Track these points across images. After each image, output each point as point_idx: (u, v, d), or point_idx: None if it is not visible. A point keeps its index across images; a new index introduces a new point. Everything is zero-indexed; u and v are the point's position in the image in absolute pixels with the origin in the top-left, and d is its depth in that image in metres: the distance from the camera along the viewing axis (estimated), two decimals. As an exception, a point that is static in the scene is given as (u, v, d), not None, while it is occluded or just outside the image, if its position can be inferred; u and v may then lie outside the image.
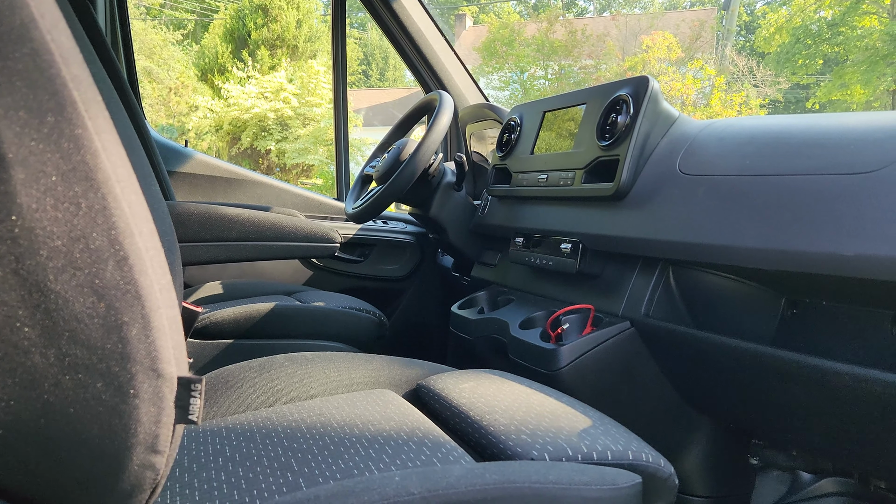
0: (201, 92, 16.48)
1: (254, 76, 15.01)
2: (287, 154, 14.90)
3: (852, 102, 15.52)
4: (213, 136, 15.97)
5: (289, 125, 14.87)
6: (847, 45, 15.56)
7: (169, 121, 17.70)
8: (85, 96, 0.44)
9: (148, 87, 17.39)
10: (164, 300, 0.47)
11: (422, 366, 1.04)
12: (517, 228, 1.47)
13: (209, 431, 0.79)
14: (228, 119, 15.00)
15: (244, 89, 14.73)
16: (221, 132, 15.49)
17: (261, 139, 14.97)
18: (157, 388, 0.46)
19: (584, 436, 0.73)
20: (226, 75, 15.45)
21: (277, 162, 15.59)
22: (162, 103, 17.42)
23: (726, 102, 14.24)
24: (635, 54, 15.23)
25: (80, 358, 0.44)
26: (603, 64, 16.38)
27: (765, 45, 18.02)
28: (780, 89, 17.30)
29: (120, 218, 0.45)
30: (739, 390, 1.04)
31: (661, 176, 1.13)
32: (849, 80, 15.09)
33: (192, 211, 1.14)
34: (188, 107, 16.93)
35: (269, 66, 15.47)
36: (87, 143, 0.44)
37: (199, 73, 17.17)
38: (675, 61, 14.78)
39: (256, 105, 14.58)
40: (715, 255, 0.98)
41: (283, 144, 14.79)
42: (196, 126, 15.84)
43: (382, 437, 0.73)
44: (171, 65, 19.49)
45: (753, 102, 15.33)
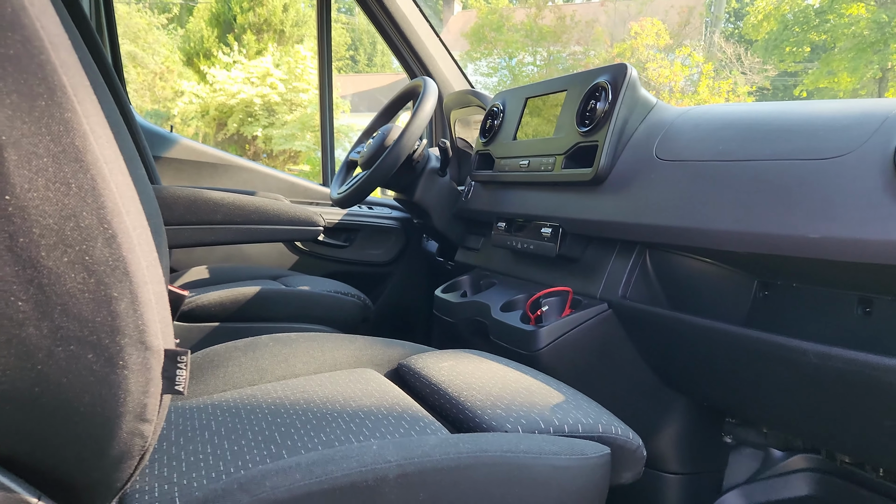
0: (187, 77, 16.34)
1: (240, 61, 14.89)
2: (274, 140, 14.83)
3: (839, 90, 15.61)
4: (199, 122, 15.85)
5: (275, 111, 14.79)
6: (834, 32, 15.62)
7: (154, 106, 17.56)
8: (73, 81, 0.46)
9: (133, 71, 17.23)
10: (150, 276, 0.49)
11: (403, 346, 1.07)
12: (499, 213, 1.50)
13: (195, 408, 0.82)
14: (214, 104, 14.90)
15: (230, 74, 14.62)
16: (207, 118, 15.38)
17: (247, 125, 14.89)
18: (145, 359, 0.49)
19: (556, 410, 0.76)
20: (211, 60, 15.32)
21: (264, 148, 15.52)
22: (147, 88, 17.27)
23: (714, 89, 14.29)
24: (624, 41, 15.23)
25: (71, 330, 0.46)
26: (592, 50, 16.38)
27: (753, 32, 18.07)
28: (768, 77, 17.37)
29: (108, 198, 0.47)
30: (712, 369, 1.08)
31: (639, 161, 1.16)
32: (836, 67, 15.17)
33: (178, 195, 1.16)
34: (174, 92, 16.80)
35: (255, 51, 15.34)
36: (77, 125, 0.46)
37: (184, 58, 17.00)
38: (663, 48, 14.80)
39: (243, 90, 14.49)
40: (690, 237, 1.01)
41: (270, 130, 14.72)
42: (182, 111, 15.71)
43: (363, 412, 0.76)
44: (156, 49, 19.29)
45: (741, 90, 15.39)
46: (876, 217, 0.78)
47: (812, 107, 0.98)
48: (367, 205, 2.25)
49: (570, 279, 1.30)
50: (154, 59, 18.45)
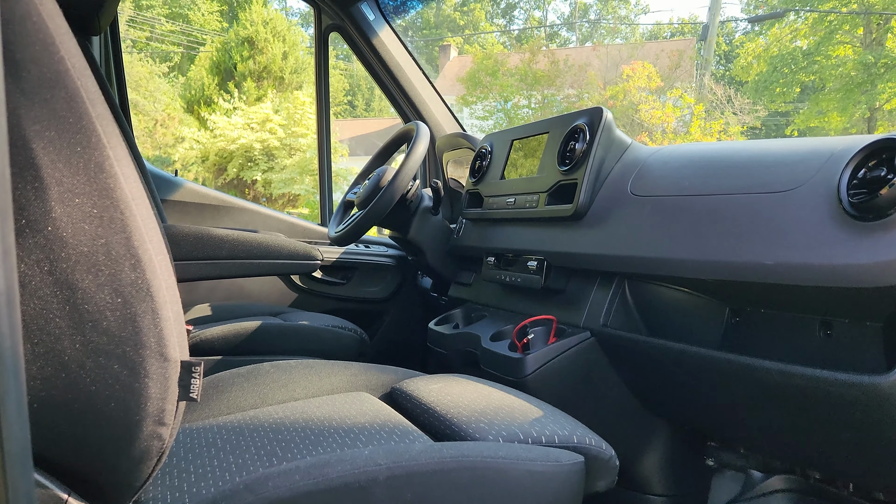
0: (187, 123, 16.60)
1: (240, 107, 15.15)
2: (273, 184, 15.00)
3: (830, 129, 15.87)
4: (199, 167, 16.04)
5: (275, 155, 14.99)
6: (823, 73, 15.96)
7: (155, 152, 17.80)
8: (106, 130, 0.55)
9: (134, 119, 17.45)
10: (169, 297, 0.57)
11: (397, 371, 1.13)
12: (489, 249, 1.58)
13: (202, 429, 0.88)
14: (215, 150, 15.10)
15: (230, 120, 14.86)
16: (208, 163, 15.57)
17: (247, 169, 15.08)
18: (164, 369, 0.56)
19: (534, 423, 0.82)
20: (212, 107, 15.59)
21: (264, 192, 15.68)
22: (148, 135, 17.55)
23: (706, 130, 14.51)
24: (616, 83, 15.52)
25: (101, 344, 0.54)
26: (585, 93, 16.68)
27: (743, 73, 18.45)
28: (759, 117, 17.65)
29: (134, 229, 0.55)
30: (688, 391, 1.14)
31: (615, 197, 1.24)
32: (826, 107, 15.46)
33: (186, 232, 1.23)
34: (174, 138, 17.06)
35: (255, 98, 15.64)
36: (109, 168, 0.54)
37: (185, 105, 17.31)
38: (655, 90, 15.07)
39: (242, 136, 14.70)
40: (658, 266, 1.09)
41: (270, 174, 14.90)
42: (182, 157, 15.91)
43: (357, 427, 0.83)
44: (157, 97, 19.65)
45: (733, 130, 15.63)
46: (823, 243, 0.86)
47: (766, 145, 1.07)
48: (364, 243, 2.33)
49: (555, 310, 1.37)
50: (155, 106, 18.78)
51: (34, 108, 0.51)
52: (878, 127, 15.64)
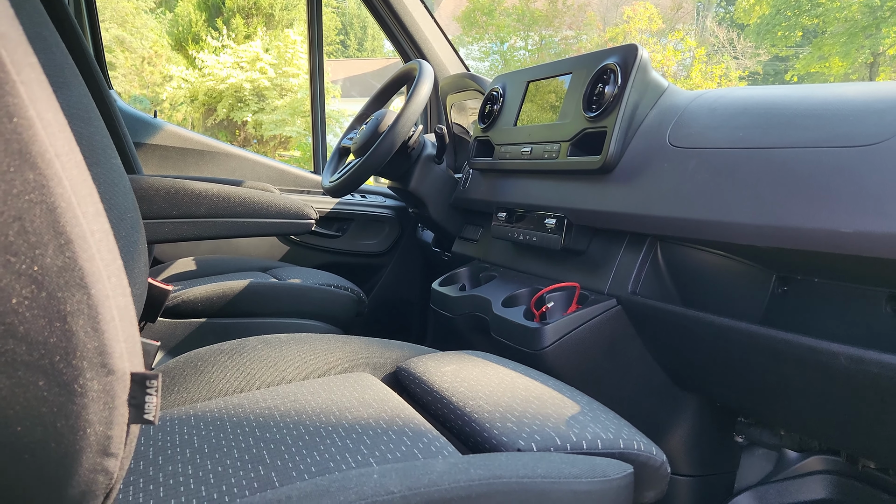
0: (175, 62, 16.14)
1: (229, 45, 14.70)
2: (264, 125, 14.68)
3: (830, 75, 15.56)
4: (188, 107, 15.69)
5: (265, 96, 14.63)
6: (826, 16, 15.55)
7: (143, 91, 17.35)
8: (16, 58, 0.39)
9: (121, 56, 17.01)
10: (113, 288, 0.42)
11: (401, 347, 1.00)
12: (499, 203, 1.43)
13: (176, 420, 0.75)
14: (203, 89, 14.72)
15: (219, 59, 14.43)
16: (196, 103, 15.21)
17: (237, 110, 14.73)
18: (108, 385, 0.42)
19: (572, 423, 0.69)
20: (200, 44, 15.11)
21: (254, 133, 15.37)
22: (135, 73, 17.06)
23: (707, 74, 14.24)
24: (616, 25, 15.13)
25: (18, 354, 0.39)
26: (584, 35, 16.27)
27: (745, 16, 17.97)
28: (760, 61, 17.31)
29: (60, 196, 0.40)
30: (728, 369, 1.02)
31: (650, 148, 1.09)
32: (827, 52, 15.11)
33: (158, 185, 1.08)
34: (162, 77, 16.60)
35: (244, 36, 15.15)
36: (20, 111, 0.38)
37: (173, 43, 16.78)
38: (655, 32, 14.71)
39: (232, 75, 14.31)
40: (706, 231, 0.95)
41: (260, 116, 14.57)
42: (171, 96, 15.54)
43: (360, 426, 0.69)
44: (143, 33, 19.04)
45: (733, 74, 15.34)
46: None
47: (839, 90, 0.92)
48: (361, 193, 2.18)
49: (576, 273, 1.23)
50: (142, 43, 18.22)
51: None
52: (881, 73, 15.36)
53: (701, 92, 1.13)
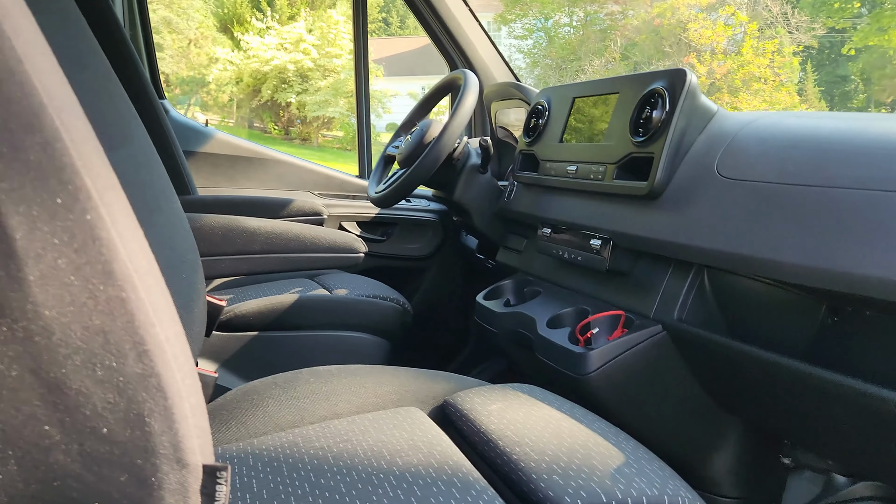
0: (221, 43, 16.35)
1: (273, 27, 14.83)
2: (307, 106, 14.82)
3: (890, 48, 14.95)
4: (233, 88, 15.91)
5: (309, 77, 14.74)
6: (888, -16, 14.92)
7: (190, 73, 17.61)
8: (98, 183, 0.42)
9: (168, 37, 17.27)
10: (186, 389, 0.45)
11: (448, 379, 1.02)
12: (544, 218, 1.44)
13: (236, 458, 0.79)
14: (248, 71, 14.91)
15: (263, 41, 14.58)
16: (242, 84, 15.42)
17: (281, 91, 14.88)
18: (182, 478, 0.45)
19: (617, 477, 0.71)
20: (245, 26, 15.27)
21: (298, 114, 15.53)
22: (182, 55, 17.31)
23: (758, 50, 13.83)
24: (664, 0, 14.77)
25: (102, 453, 0.43)
26: (630, 10, 15.93)
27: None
28: (815, 35, 16.71)
29: (139, 309, 0.43)
30: (774, 402, 1.02)
31: (698, 176, 1.09)
32: (887, 24, 14.50)
33: (214, 224, 1.12)
34: (208, 58, 16.83)
35: (287, 16, 15.26)
36: (103, 233, 0.41)
37: (218, 24, 16.99)
38: (705, 7, 14.32)
39: (276, 57, 14.45)
40: (752, 267, 0.94)
41: (304, 97, 14.70)
42: (216, 78, 15.78)
43: (410, 474, 0.72)
44: (190, 14, 19.28)
45: (787, 50, 14.86)
46: None
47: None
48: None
49: (620, 294, 1.24)
50: (188, 24, 18.46)
51: (1, 160, 0.38)
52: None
53: (752, 117, 1.12)
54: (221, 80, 15.68)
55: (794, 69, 15.54)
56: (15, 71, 0.39)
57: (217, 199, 1.70)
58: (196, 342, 0.90)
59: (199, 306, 0.88)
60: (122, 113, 0.80)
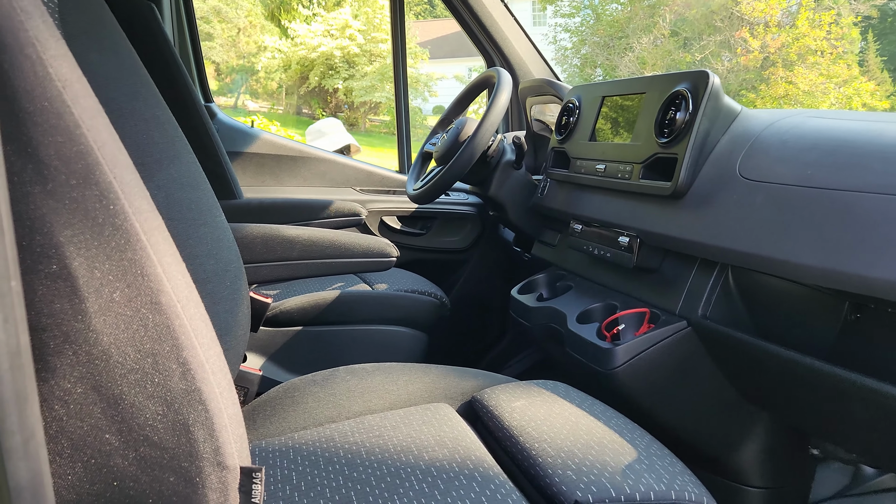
0: (269, 31, 16.59)
1: (319, 14, 14.97)
2: (354, 92, 14.96)
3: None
4: (281, 75, 16.14)
5: (355, 62, 14.86)
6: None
7: (239, 61, 17.92)
8: (147, 226, 0.48)
9: (218, 27, 17.59)
10: (225, 401, 0.52)
11: (476, 376, 1.08)
12: (575, 215, 1.48)
13: (278, 452, 0.86)
14: (296, 58, 15.11)
15: (310, 28, 14.74)
16: (290, 72, 15.64)
17: (328, 78, 15.05)
18: (223, 478, 0.52)
19: (628, 473, 0.75)
20: (292, 13, 15.46)
21: (345, 100, 15.69)
22: (231, 44, 17.63)
23: (814, 22, 13.36)
24: (715, -27, 14.36)
25: (154, 458, 0.50)
26: (680, -16, 15.53)
27: (859, -45, 16.65)
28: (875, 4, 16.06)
29: (182, 334, 0.49)
30: (796, 398, 1.04)
31: (721, 178, 1.11)
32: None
33: (256, 234, 1.19)
34: (257, 47, 17.11)
35: (333, 3, 15.38)
36: (151, 270, 0.48)
37: (266, 12, 17.23)
38: (758, -21, 13.88)
39: (322, 43, 14.61)
40: (771, 267, 0.97)
41: (351, 83, 14.84)
42: (265, 66, 16.03)
43: (436, 469, 0.78)
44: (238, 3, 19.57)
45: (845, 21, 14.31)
46: None
47: None
48: None
49: (648, 290, 1.27)
50: (237, 13, 18.76)
51: (64, 211, 0.45)
52: None
53: (774, 118, 1.13)
54: (270, 67, 15.94)
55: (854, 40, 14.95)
56: (74, 134, 0.45)
57: (261, 202, 1.78)
58: (242, 341, 0.97)
59: (242, 310, 0.95)
60: (170, 135, 0.87)
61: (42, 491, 0.35)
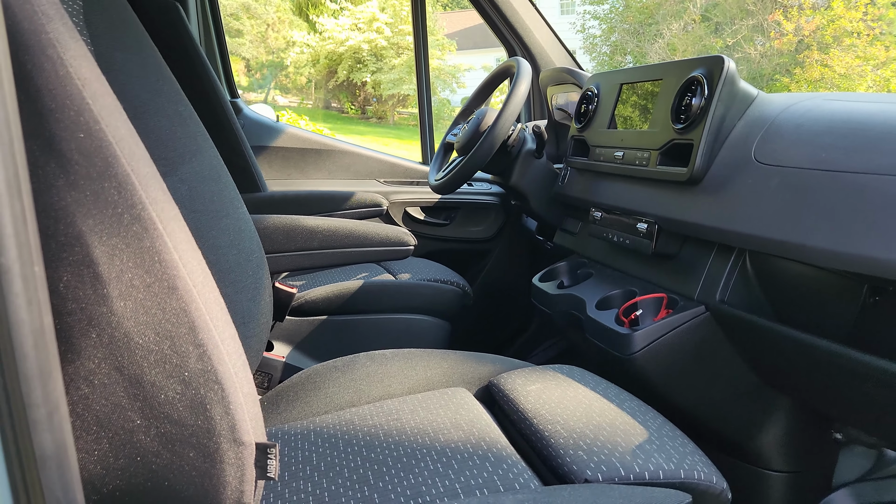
0: (297, 26, 16.72)
1: (346, 7, 15.04)
2: (382, 85, 15.01)
3: None
4: (311, 69, 16.26)
5: (383, 56, 14.91)
6: None
7: (269, 57, 18.09)
8: (163, 215, 0.51)
9: (247, 23, 17.75)
10: (240, 381, 0.55)
11: (493, 362, 1.10)
12: (595, 203, 1.48)
13: (299, 434, 0.89)
14: (324, 53, 15.21)
15: (338, 22, 14.81)
16: (319, 66, 15.75)
17: (356, 71, 15.12)
18: (239, 454, 0.55)
19: (637, 453, 0.77)
20: (319, 8, 15.55)
21: (374, 93, 15.75)
22: (261, 40, 17.79)
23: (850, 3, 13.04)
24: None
25: (174, 434, 0.52)
26: (710, -35, 15.26)
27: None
28: (914, -17, 15.60)
29: (198, 317, 0.52)
30: (815, 382, 1.04)
31: (736, 162, 1.11)
32: None
33: (277, 224, 1.22)
34: (286, 42, 17.25)
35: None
36: (167, 256, 0.51)
37: (294, 7, 17.35)
38: (791, -40, 13.58)
39: (350, 37, 14.68)
40: (788, 251, 0.97)
41: (379, 76, 14.89)
42: (294, 61, 16.15)
43: (450, 450, 0.80)
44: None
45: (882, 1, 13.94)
46: None
47: None
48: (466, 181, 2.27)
49: (666, 276, 1.28)
50: (266, 9, 18.91)
51: (86, 202, 0.48)
52: None
53: (790, 101, 1.13)
54: (299, 62, 16.07)
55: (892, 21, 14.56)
56: (93, 130, 0.48)
57: (285, 195, 1.82)
58: (264, 329, 1.00)
59: (265, 299, 0.99)
60: (192, 131, 0.91)
61: (67, 462, 0.38)
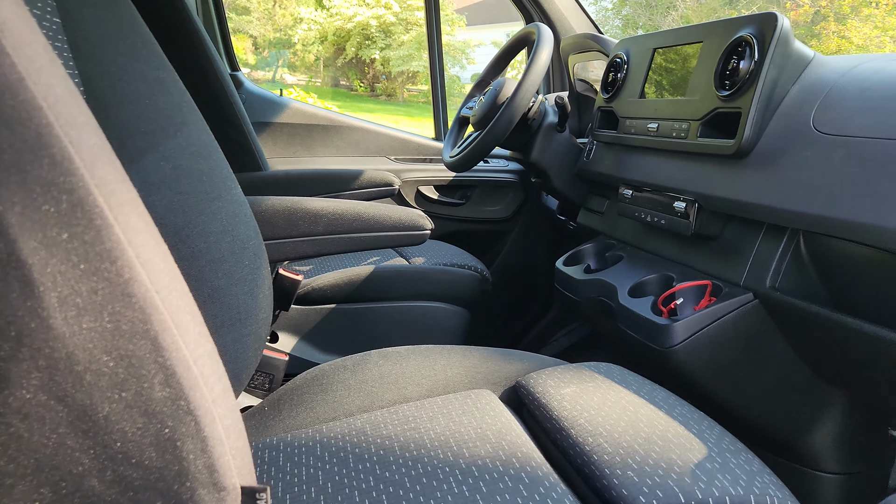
0: (304, 2, 16.51)
1: (354, -18, 14.82)
2: (391, 61, 14.82)
3: None
4: (318, 47, 16.08)
5: (391, 32, 14.70)
6: None
7: (276, 34, 17.89)
8: (113, 200, 0.40)
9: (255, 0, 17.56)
10: (220, 410, 0.43)
11: (521, 359, 0.98)
12: (625, 179, 1.36)
13: (304, 446, 0.78)
14: (332, 29, 15.02)
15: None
16: (326, 43, 15.57)
17: (365, 48, 14.93)
18: (220, 500, 0.44)
19: (698, 474, 0.66)
20: (327, -17, 15.35)
21: (383, 70, 15.56)
22: (268, 17, 17.59)
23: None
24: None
25: (136, 478, 0.42)
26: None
27: None
28: (935, -51, 15.17)
29: (163, 331, 0.41)
30: (879, 377, 0.93)
31: (791, 132, 0.99)
32: None
33: (277, 207, 1.11)
34: (293, 19, 17.04)
35: (369, -29, 15.20)
36: (120, 254, 0.39)
37: (301, -17, 17.12)
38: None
39: (358, 13, 14.46)
40: (853, 232, 0.85)
41: (387, 52, 14.69)
42: (302, 38, 15.98)
43: (477, 467, 0.69)
44: (275, -25, 19.49)
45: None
46: None
47: None
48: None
49: (707, 260, 1.16)
50: (274, -15, 18.69)
51: (10, 184, 0.36)
52: None
53: (853, 63, 1.00)
54: (307, 39, 15.87)
55: (913, -11, 14.21)
56: (17, 89, 0.37)
57: (287, 174, 1.70)
58: (264, 325, 0.89)
59: (264, 291, 0.87)
60: (176, 101, 0.79)
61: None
